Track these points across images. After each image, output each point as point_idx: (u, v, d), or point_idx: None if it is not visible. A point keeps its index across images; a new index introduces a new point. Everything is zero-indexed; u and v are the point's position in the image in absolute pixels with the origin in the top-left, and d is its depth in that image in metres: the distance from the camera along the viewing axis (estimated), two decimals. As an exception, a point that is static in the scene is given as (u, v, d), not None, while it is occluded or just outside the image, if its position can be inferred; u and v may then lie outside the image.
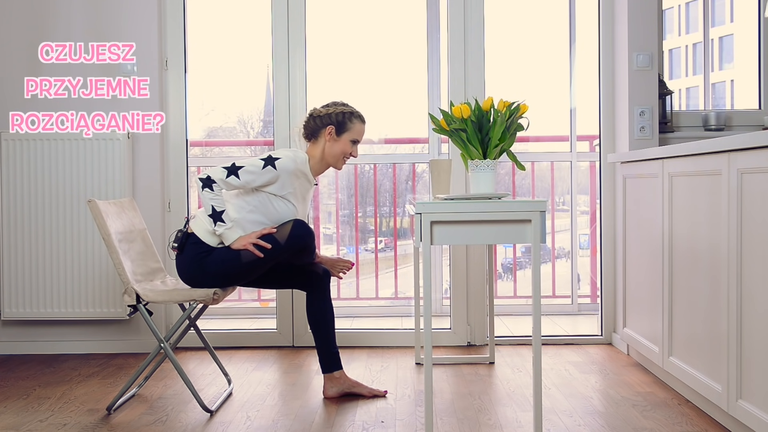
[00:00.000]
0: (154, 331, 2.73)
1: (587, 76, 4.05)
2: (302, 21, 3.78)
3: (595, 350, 3.67)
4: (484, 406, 2.78)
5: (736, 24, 4.55)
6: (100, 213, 2.72)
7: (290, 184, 2.80)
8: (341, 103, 2.95)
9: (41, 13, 3.69)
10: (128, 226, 2.93)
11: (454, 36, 3.77)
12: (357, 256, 4.79)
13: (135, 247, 2.93)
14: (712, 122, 3.69)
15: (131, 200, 3.11)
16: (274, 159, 2.77)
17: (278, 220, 2.82)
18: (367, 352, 3.69)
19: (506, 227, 2.36)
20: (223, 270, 2.76)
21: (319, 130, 2.91)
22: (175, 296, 2.75)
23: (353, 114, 2.93)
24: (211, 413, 2.72)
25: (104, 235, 2.71)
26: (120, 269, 2.71)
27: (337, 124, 2.90)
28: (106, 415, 2.72)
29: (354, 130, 2.92)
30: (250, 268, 2.78)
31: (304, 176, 2.87)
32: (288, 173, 2.78)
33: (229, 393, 2.97)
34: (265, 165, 2.75)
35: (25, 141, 3.62)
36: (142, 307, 2.72)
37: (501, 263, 5.25)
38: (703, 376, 2.53)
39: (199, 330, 3.06)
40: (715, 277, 2.42)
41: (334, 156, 2.92)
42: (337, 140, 2.90)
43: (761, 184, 2.11)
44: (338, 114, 2.91)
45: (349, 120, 2.91)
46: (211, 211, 2.74)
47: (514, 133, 2.61)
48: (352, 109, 2.95)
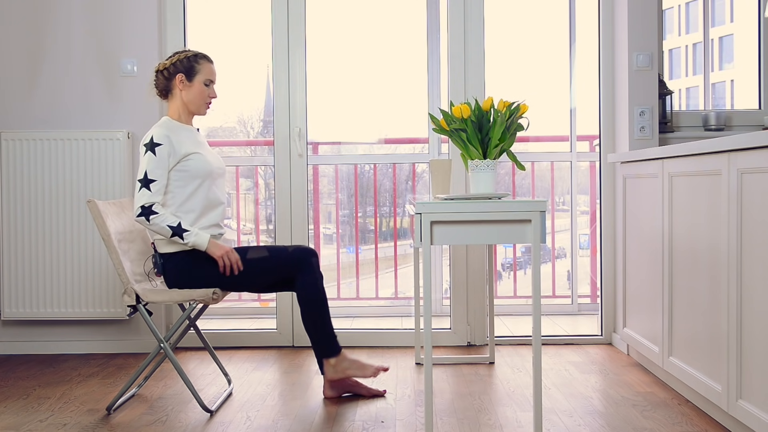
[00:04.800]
0: (154, 331, 2.73)
1: (587, 76, 4.05)
2: (302, 21, 3.78)
3: (595, 350, 3.67)
4: (484, 406, 2.78)
5: (736, 24, 4.55)
6: (100, 213, 2.72)
7: (178, 142, 2.77)
8: (182, 50, 2.92)
9: (41, 12, 3.69)
10: (128, 226, 2.93)
11: (454, 36, 3.77)
12: (357, 256, 4.79)
13: (135, 247, 2.93)
14: (712, 122, 3.69)
15: (131, 200, 3.11)
16: (151, 140, 2.73)
17: (203, 174, 2.79)
18: (367, 352, 3.69)
19: (506, 227, 2.36)
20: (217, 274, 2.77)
21: (169, 82, 2.88)
22: (174, 296, 2.75)
23: (197, 55, 2.89)
24: (211, 413, 2.72)
25: (104, 235, 2.71)
26: (119, 269, 2.71)
27: (185, 70, 2.86)
28: (106, 415, 2.72)
29: (204, 70, 2.87)
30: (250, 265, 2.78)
31: (181, 128, 2.85)
32: (168, 137, 2.74)
33: (229, 393, 2.97)
34: (153, 152, 2.72)
35: (25, 141, 3.63)
36: (142, 307, 2.72)
37: (501, 263, 5.25)
38: (703, 376, 2.53)
39: (199, 330, 3.06)
40: (715, 277, 2.42)
41: (194, 102, 2.88)
42: (190, 86, 2.86)
43: (761, 184, 2.11)
44: (182, 60, 2.87)
45: (195, 62, 2.87)
46: (170, 231, 2.69)
47: (514, 133, 2.61)
48: (195, 51, 2.91)
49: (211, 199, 2.85)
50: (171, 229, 2.69)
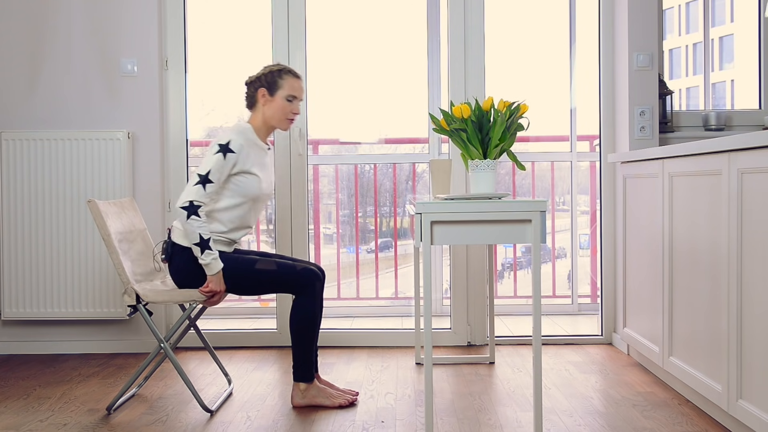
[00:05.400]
0: (154, 331, 2.73)
1: (587, 76, 4.05)
2: (302, 21, 3.78)
3: (595, 350, 3.67)
4: (484, 406, 2.78)
5: (736, 24, 4.55)
6: (100, 213, 2.72)
7: (247, 157, 2.77)
8: (272, 64, 2.91)
9: (41, 13, 3.69)
10: (128, 226, 2.93)
11: (455, 36, 3.77)
12: (357, 256, 4.79)
13: (135, 247, 2.93)
14: (712, 122, 3.69)
15: (131, 200, 3.11)
16: (226, 144, 2.72)
17: (250, 196, 2.80)
18: (368, 352, 3.69)
19: (506, 227, 2.36)
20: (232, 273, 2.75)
21: (254, 96, 2.88)
22: (175, 296, 2.75)
23: (282, 70, 2.88)
24: (211, 413, 2.72)
25: (104, 235, 2.72)
26: (120, 269, 2.71)
27: (268, 84, 2.86)
28: (106, 415, 2.72)
29: (286, 85, 2.86)
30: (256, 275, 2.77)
31: (255, 144, 2.84)
32: (242, 147, 2.75)
33: (229, 393, 2.97)
34: (224, 155, 2.71)
35: (25, 141, 3.63)
36: (142, 307, 2.72)
37: (501, 263, 5.25)
38: (703, 376, 2.53)
39: (199, 330, 3.06)
40: (715, 277, 2.42)
41: (275, 117, 2.87)
42: (272, 100, 2.85)
43: (761, 184, 2.11)
44: (267, 74, 2.87)
45: (278, 77, 2.86)
46: (198, 239, 2.66)
47: (514, 133, 2.61)
48: (282, 66, 2.90)
49: (243, 221, 2.84)
50: (200, 238, 2.66)
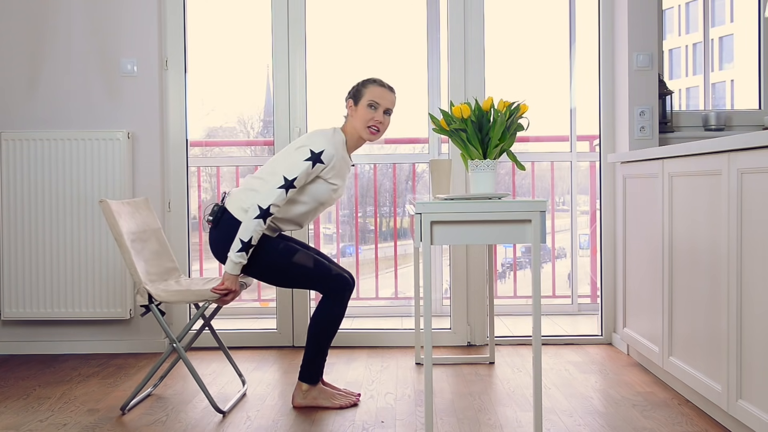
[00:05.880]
0: (167, 330, 2.72)
1: (587, 76, 4.05)
2: (302, 21, 3.78)
3: (595, 350, 3.67)
4: (484, 406, 2.78)
5: (736, 24, 4.55)
6: (112, 213, 2.69)
7: (332, 169, 2.78)
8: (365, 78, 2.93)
9: (42, 12, 3.69)
10: (142, 225, 2.90)
11: (454, 35, 3.77)
12: (357, 256, 4.79)
13: (149, 246, 2.91)
14: (712, 122, 3.69)
15: (146, 200, 3.09)
16: (319, 154, 2.72)
17: (317, 200, 2.82)
18: (367, 352, 3.69)
19: (506, 227, 2.36)
20: (268, 260, 2.75)
21: (345, 108, 2.91)
22: (187, 296, 2.73)
23: (367, 80, 2.89)
24: (223, 414, 2.71)
25: (116, 235, 2.69)
26: (132, 269, 2.69)
27: (353, 95, 2.88)
28: (120, 415, 2.70)
29: (368, 93, 2.85)
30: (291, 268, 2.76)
31: (343, 158, 2.85)
32: (332, 159, 2.76)
33: (243, 393, 2.96)
34: (314, 164, 2.71)
35: (25, 141, 3.63)
36: (155, 307, 2.70)
37: (501, 263, 5.25)
38: (703, 376, 2.53)
39: (214, 330, 3.05)
40: (715, 277, 2.42)
41: (358, 125, 2.86)
42: (356, 110, 2.86)
43: (761, 184, 2.11)
44: (354, 86, 2.89)
45: (362, 87, 2.87)
46: (248, 239, 2.65)
47: (514, 133, 2.61)
48: (371, 77, 2.91)
49: (300, 219, 2.85)
50: (250, 240, 2.65)
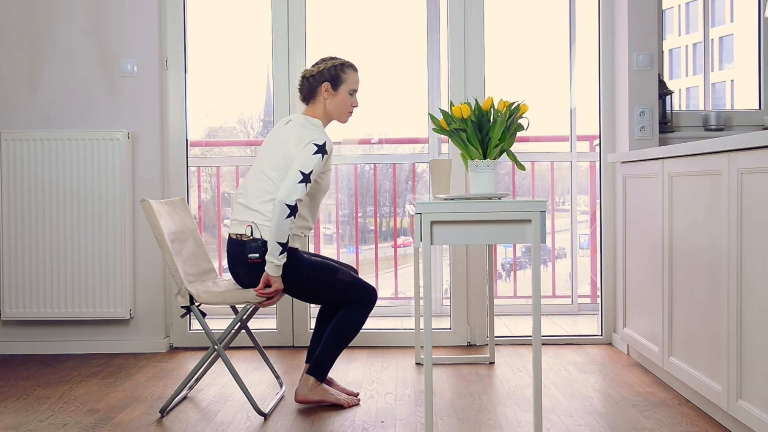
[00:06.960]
0: (208, 332, 2.69)
1: (587, 76, 4.05)
2: (302, 21, 3.78)
3: (595, 350, 3.67)
4: (484, 406, 2.78)
5: (736, 24, 4.54)
6: (153, 213, 2.67)
7: (331, 156, 2.80)
8: (329, 58, 2.91)
9: (42, 13, 3.69)
10: (180, 225, 2.89)
11: (454, 35, 3.77)
12: (357, 256, 4.79)
13: (187, 247, 2.89)
14: (712, 122, 3.69)
15: (183, 200, 3.06)
16: (323, 145, 2.71)
17: (324, 191, 2.83)
18: (367, 352, 3.69)
19: (506, 227, 2.36)
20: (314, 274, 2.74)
21: (315, 89, 2.87)
22: (228, 298, 2.70)
23: (344, 65, 2.88)
24: (265, 416, 2.68)
25: (157, 235, 2.67)
26: (173, 270, 2.67)
27: (331, 78, 2.86)
28: (159, 418, 2.69)
29: (349, 80, 2.87)
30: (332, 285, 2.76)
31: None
32: (332, 149, 2.77)
33: (281, 396, 2.94)
34: (322, 156, 2.70)
35: (25, 141, 3.63)
36: (196, 308, 2.68)
37: (501, 263, 5.25)
38: (703, 376, 2.53)
39: (250, 330, 3.03)
40: (715, 277, 2.42)
41: (337, 111, 2.88)
42: (335, 95, 2.86)
43: (761, 184, 2.11)
44: (329, 69, 2.86)
45: (342, 72, 2.86)
46: (285, 240, 2.62)
47: (514, 133, 2.61)
48: (342, 60, 2.90)
49: (315, 215, 2.87)
50: (287, 239, 2.63)
